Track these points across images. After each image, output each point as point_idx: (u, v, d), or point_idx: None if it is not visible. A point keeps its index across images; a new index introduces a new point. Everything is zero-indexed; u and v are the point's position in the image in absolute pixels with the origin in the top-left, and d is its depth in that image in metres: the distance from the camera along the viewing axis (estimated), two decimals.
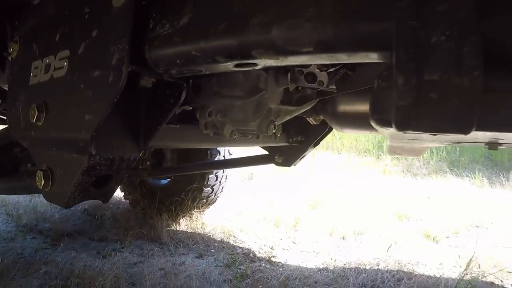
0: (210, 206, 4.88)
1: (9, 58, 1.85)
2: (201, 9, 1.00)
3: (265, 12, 0.88)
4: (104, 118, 1.05)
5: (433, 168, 8.75)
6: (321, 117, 2.19)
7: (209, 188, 4.50)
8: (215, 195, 4.71)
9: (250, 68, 1.04)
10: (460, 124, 0.70)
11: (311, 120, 2.29)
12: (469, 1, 0.67)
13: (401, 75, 0.72)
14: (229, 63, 1.01)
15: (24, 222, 4.57)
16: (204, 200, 4.64)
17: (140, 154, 1.27)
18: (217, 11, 0.96)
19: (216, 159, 4.19)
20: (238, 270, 3.45)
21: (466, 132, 0.70)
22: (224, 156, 4.27)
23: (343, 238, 4.44)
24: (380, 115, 0.87)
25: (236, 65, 1.04)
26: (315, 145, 2.89)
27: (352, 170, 8.70)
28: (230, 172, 4.80)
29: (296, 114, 1.97)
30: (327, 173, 8.10)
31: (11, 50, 1.67)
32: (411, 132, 0.73)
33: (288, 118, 1.92)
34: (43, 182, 1.29)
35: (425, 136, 0.82)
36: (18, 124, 1.52)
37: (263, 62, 0.99)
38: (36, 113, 1.29)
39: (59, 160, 1.26)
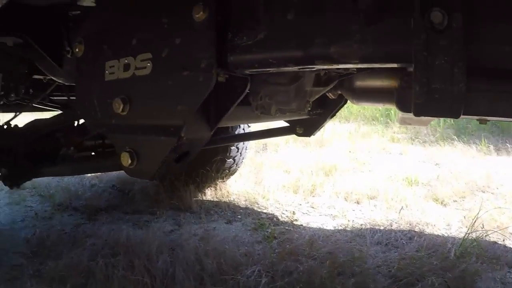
0: (231, 176, 5.17)
1: (68, 56, 2.14)
2: (274, 28, 1.34)
3: (326, 34, 1.23)
4: (196, 109, 1.37)
5: (440, 135, 8.79)
6: (339, 92, 2.46)
7: (231, 159, 4.80)
8: (236, 166, 5.01)
9: (308, 70, 1.38)
10: (453, 112, 1.17)
11: (329, 95, 2.58)
12: (460, 38, 1.08)
13: (417, 84, 1.16)
14: (295, 68, 1.34)
15: (58, 201, 4.76)
16: (227, 171, 4.94)
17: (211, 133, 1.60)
18: (288, 31, 1.30)
19: (236, 132, 4.47)
20: (266, 233, 3.74)
21: (457, 117, 1.17)
22: (243, 129, 4.56)
23: (357, 202, 4.70)
24: (403, 105, 1.60)
25: (299, 68, 1.41)
26: (332, 117, 3.16)
27: (361, 138, 8.84)
28: (248, 143, 5.08)
29: (323, 92, 2.27)
30: (338, 142, 8.27)
31: (76, 50, 1.93)
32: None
33: (317, 97, 2.23)
34: (129, 161, 1.60)
35: None
36: (93, 114, 1.82)
37: (319, 67, 1.31)
38: (122, 105, 1.60)
39: (144, 142, 1.58)
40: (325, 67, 1.34)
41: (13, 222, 4.19)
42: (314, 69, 1.39)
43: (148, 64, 1.52)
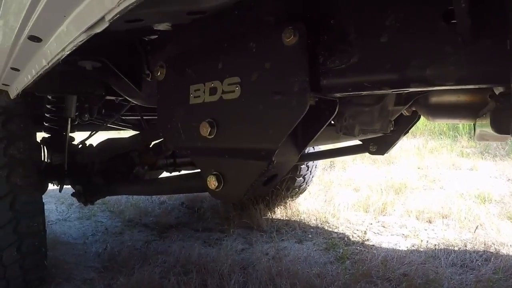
0: (301, 195, 5.17)
1: (148, 79, 2.19)
2: (368, 51, 1.32)
3: (421, 57, 1.21)
4: (289, 133, 1.37)
5: (510, 148, 8.55)
6: (413, 109, 2.41)
7: (301, 178, 4.81)
8: (306, 184, 5.01)
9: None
10: None
11: (404, 112, 2.53)
12: None
13: None
14: (389, 91, 1.31)
15: (128, 217, 4.92)
16: (297, 189, 4.94)
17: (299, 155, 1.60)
18: (382, 54, 1.28)
19: (307, 150, 4.42)
20: (338, 253, 3.69)
21: None
22: (313, 148, 4.53)
23: (429, 221, 4.59)
24: (500, 126, 1.54)
25: (393, 91, 1.37)
26: (405, 134, 3.10)
27: (430, 153, 8.70)
28: (317, 162, 5.05)
29: (402, 111, 2.23)
30: (405, 158, 8.17)
31: (158, 73, 1.97)
32: None
33: (397, 115, 2.19)
34: (215, 184, 1.61)
35: None
36: (177, 136, 1.84)
37: (414, 89, 1.32)
38: (209, 129, 1.61)
39: (231, 165, 1.59)
40: (419, 89, 1.31)
41: (84, 237, 4.33)
42: (408, 90, 1.37)
43: (237, 88, 1.52)
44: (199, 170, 2.00)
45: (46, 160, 3.33)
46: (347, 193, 5.69)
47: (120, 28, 1.95)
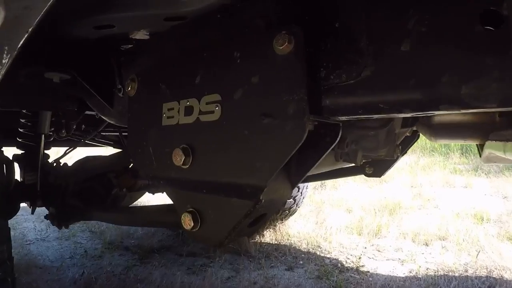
0: (291, 217, 4.92)
1: (120, 95, 1.90)
2: (384, 63, 1.02)
3: (454, 71, 0.93)
4: (281, 167, 1.08)
5: (504, 165, 8.41)
6: (413, 129, 2.18)
7: (291, 199, 4.55)
8: (296, 206, 4.77)
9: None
10: None
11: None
12: None
13: None
14: (411, 114, 1.03)
15: (109, 239, 4.68)
16: (287, 211, 4.71)
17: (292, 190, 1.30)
18: (403, 66, 0.99)
19: None
20: (331, 282, 3.45)
21: None
22: None
23: (426, 244, 4.37)
24: None
25: (416, 115, 1.09)
26: (403, 154, 2.86)
27: (422, 171, 8.56)
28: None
29: (407, 133, 1.97)
30: (398, 176, 8.01)
31: (129, 88, 1.70)
32: None
33: (402, 138, 1.93)
34: (192, 224, 1.31)
35: None
36: (149, 164, 1.56)
37: (443, 112, 1.04)
38: (183, 157, 1.32)
39: (210, 202, 1.29)
40: (451, 112, 1.01)
41: (61, 259, 4.11)
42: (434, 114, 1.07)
43: (216, 108, 1.23)
44: None
45: (19, 179, 3.07)
46: (340, 214, 5.48)
47: (91, 36, 1.70)
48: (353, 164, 3.01)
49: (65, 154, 3.54)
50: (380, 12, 1.04)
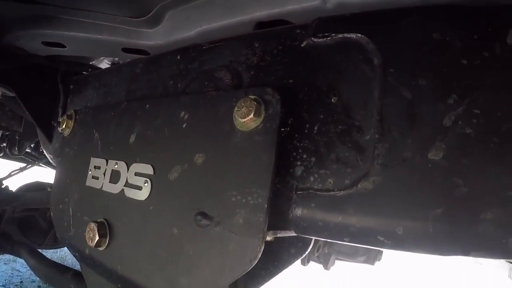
0: None
1: (59, 130, 1.56)
2: (394, 172, 0.66)
3: (501, 209, 0.59)
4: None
5: None
6: None
7: None
8: None
9: None
10: None
11: None
12: None
13: None
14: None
15: None
16: None
17: None
18: (421, 183, 0.64)
19: None
20: None
21: None
22: None
23: None
24: None
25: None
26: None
27: None
28: None
29: None
30: None
31: (64, 126, 1.38)
32: None
33: None
34: None
35: None
36: (66, 227, 1.21)
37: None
38: (97, 237, 0.97)
39: None
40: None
41: None
42: None
43: (145, 185, 0.90)
44: None
45: None
46: None
47: (40, 52, 1.48)
48: None
49: (8, 176, 3.20)
50: (395, 82, 0.71)
